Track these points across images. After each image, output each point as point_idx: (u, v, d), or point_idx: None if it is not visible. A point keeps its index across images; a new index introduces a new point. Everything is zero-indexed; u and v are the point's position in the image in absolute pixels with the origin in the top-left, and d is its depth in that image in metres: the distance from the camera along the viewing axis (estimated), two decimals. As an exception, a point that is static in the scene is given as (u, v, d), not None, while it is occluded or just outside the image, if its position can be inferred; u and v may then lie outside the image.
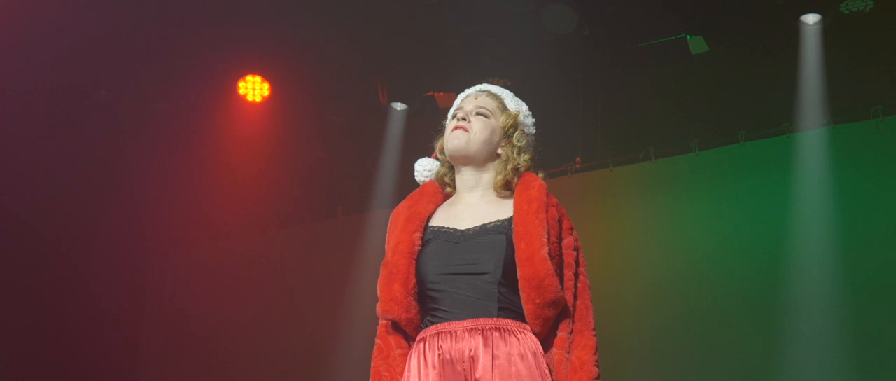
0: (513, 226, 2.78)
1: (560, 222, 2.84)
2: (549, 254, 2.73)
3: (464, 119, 2.92)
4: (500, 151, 2.94)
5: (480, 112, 2.94)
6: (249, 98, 6.89)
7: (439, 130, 3.03)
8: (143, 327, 7.86)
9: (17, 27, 6.01)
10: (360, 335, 6.24)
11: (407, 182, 3.07)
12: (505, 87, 3.13)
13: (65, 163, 7.01)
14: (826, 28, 5.83)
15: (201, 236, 7.68)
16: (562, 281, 2.77)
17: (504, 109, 2.98)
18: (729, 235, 6.15)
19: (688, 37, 6.12)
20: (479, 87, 3.04)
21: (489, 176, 2.93)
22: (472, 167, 2.92)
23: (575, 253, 2.84)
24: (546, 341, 2.77)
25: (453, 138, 2.90)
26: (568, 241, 2.84)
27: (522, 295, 2.72)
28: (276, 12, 6.31)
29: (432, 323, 2.78)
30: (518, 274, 2.72)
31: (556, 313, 2.74)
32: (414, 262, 2.80)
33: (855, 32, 5.86)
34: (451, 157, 2.94)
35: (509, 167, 2.90)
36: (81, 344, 7.27)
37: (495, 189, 2.91)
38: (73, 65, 6.47)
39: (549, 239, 2.75)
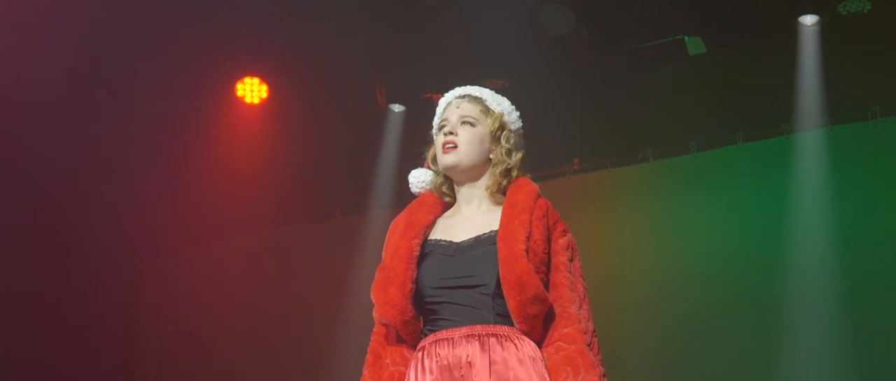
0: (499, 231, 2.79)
1: (548, 222, 2.83)
2: (529, 251, 2.73)
3: (451, 133, 2.90)
4: (491, 155, 2.93)
5: (465, 121, 2.92)
6: (248, 100, 6.87)
7: (430, 139, 3.03)
8: (143, 327, 7.86)
9: (14, 27, 6.01)
10: (358, 336, 6.21)
11: (405, 184, 3.07)
12: (503, 88, 3.13)
13: (63, 163, 7.00)
14: (824, 29, 5.83)
15: (201, 237, 7.67)
16: (547, 282, 2.77)
17: (487, 111, 2.95)
18: (728, 236, 6.15)
19: (686, 38, 6.12)
20: (458, 91, 3.02)
21: (485, 184, 2.92)
22: (469, 180, 2.93)
23: (569, 253, 2.84)
24: (542, 343, 2.76)
25: (445, 158, 2.90)
26: (561, 242, 2.83)
27: (505, 294, 2.71)
28: (274, 14, 6.32)
29: (431, 332, 2.79)
30: (499, 274, 2.72)
31: (539, 311, 2.72)
32: (412, 267, 2.80)
33: (853, 33, 5.86)
34: (446, 173, 2.95)
35: (499, 170, 2.90)
36: (81, 344, 7.27)
37: (491, 195, 2.92)
38: (70, 65, 6.47)
39: (530, 238, 2.75)
